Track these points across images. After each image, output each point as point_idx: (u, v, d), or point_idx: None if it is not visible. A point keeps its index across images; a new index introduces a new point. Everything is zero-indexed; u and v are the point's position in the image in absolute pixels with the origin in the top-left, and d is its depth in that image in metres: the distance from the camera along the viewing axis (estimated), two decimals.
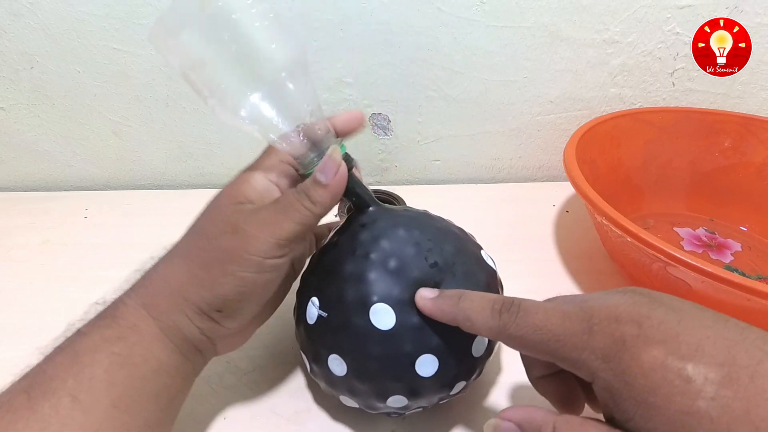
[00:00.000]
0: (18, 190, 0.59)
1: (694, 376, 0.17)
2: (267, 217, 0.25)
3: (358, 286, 0.26)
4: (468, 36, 0.51)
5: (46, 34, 0.49)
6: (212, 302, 0.25)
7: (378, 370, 0.26)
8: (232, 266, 0.25)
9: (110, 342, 0.24)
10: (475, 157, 0.60)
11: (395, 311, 0.26)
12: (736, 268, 0.45)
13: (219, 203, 0.27)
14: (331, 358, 0.27)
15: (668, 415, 0.17)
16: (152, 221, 0.51)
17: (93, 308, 0.26)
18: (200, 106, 0.54)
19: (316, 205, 0.25)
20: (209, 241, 0.25)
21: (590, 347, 0.20)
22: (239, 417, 0.32)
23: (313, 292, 0.28)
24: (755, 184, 0.50)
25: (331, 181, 0.26)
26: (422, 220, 0.29)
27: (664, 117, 0.52)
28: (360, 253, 0.27)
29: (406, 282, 0.26)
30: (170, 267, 0.26)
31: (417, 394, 0.27)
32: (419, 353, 0.26)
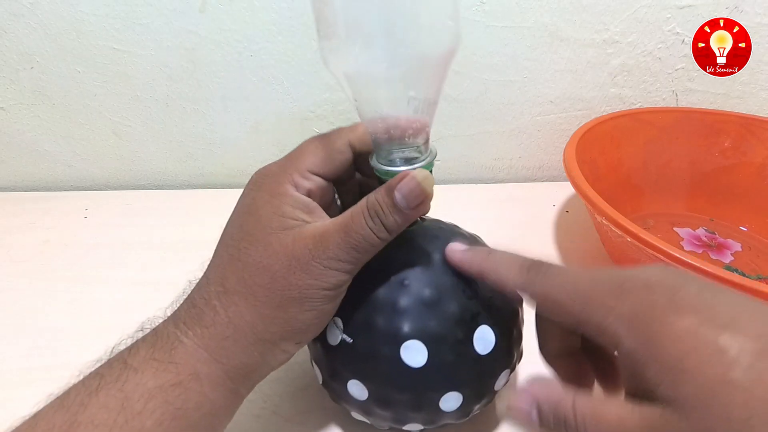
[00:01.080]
0: (18, 190, 0.59)
1: (729, 346, 0.16)
2: (338, 253, 0.23)
3: (389, 316, 0.25)
4: (468, 36, 0.50)
5: (46, 34, 0.49)
6: (291, 338, 0.24)
7: (402, 402, 0.25)
8: (311, 302, 0.23)
9: (165, 390, 0.22)
10: (475, 157, 0.60)
11: (428, 348, 0.24)
12: (736, 268, 0.45)
13: (265, 229, 0.24)
14: (351, 382, 0.26)
15: (700, 382, 0.16)
16: (152, 221, 0.51)
17: (140, 332, 0.25)
18: (200, 106, 0.54)
19: (391, 233, 0.23)
20: (275, 280, 0.23)
21: (617, 312, 0.19)
22: (239, 417, 0.31)
23: (336, 312, 0.26)
24: (755, 184, 0.50)
25: (412, 211, 0.23)
26: (458, 241, 0.27)
27: (664, 117, 0.52)
28: (394, 279, 0.26)
29: (441, 315, 0.25)
30: (232, 308, 0.23)
31: (434, 422, 0.26)
32: (446, 390, 0.25)
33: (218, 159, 0.58)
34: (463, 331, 0.25)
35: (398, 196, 0.23)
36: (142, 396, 0.21)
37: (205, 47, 0.50)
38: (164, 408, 0.21)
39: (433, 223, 0.29)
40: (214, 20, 0.49)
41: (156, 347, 0.23)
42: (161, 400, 0.21)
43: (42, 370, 0.35)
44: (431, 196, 0.24)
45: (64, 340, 0.37)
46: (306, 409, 0.32)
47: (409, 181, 0.23)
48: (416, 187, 0.23)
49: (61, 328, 0.38)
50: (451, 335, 0.25)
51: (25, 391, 0.23)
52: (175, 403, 0.22)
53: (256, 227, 0.24)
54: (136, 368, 0.22)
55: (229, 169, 0.59)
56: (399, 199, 0.23)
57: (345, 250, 0.23)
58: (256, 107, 0.54)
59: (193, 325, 0.24)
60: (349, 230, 0.23)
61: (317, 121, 0.54)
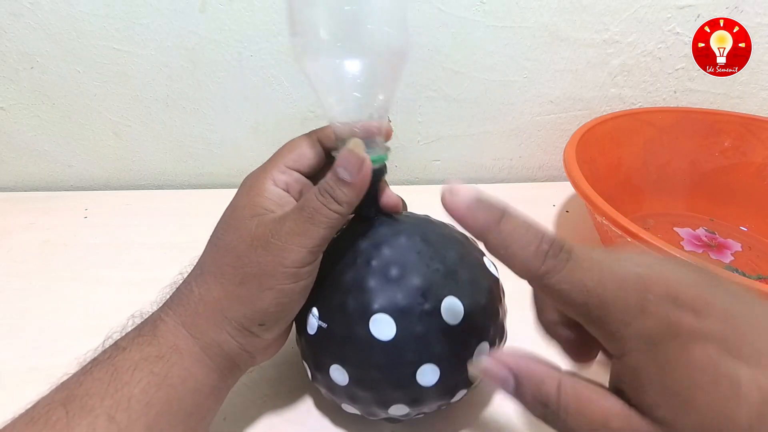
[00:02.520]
0: (18, 190, 0.59)
1: (746, 382, 0.15)
2: (295, 227, 0.24)
3: (358, 296, 0.26)
4: (468, 36, 0.50)
5: (46, 34, 0.49)
6: (253, 317, 0.25)
7: (379, 380, 0.26)
8: (269, 281, 0.24)
9: (150, 361, 0.23)
10: (475, 157, 0.60)
11: (396, 321, 0.25)
12: (736, 268, 0.45)
13: (238, 217, 0.26)
14: (332, 368, 0.27)
15: (704, 415, 0.16)
16: (152, 221, 0.51)
17: (131, 321, 0.27)
18: (200, 106, 0.54)
19: (342, 205, 0.25)
20: (239, 258, 0.25)
21: (637, 326, 0.17)
22: (239, 417, 0.32)
23: (313, 301, 0.27)
24: (755, 184, 0.50)
25: (356, 179, 0.24)
26: (424, 227, 0.29)
27: (664, 117, 0.52)
28: (360, 262, 0.27)
29: (408, 290, 0.26)
30: (204, 286, 0.26)
31: (418, 402, 0.27)
32: (420, 363, 0.25)
33: (218, 159, 0.58)
34: (430, 303, 0.26)
35: (340, 170, 0.24)
36: (129, 367, 0.23)
37: (205, 47, 0.50)
38: (149, 378, 0.23)
39: (402, 215, 0.30)
40: (214, 20, 0.49)
41: (142, 328, 0.25)
42: (146, 370, 0.23)
43: (42, 370, 0.35)
44: (367, 158, 0.25)
45: (64, 340, 0.37)
46: (304, 408, 0.32)
47: (344, 153, 0.25)
48: (349, 154, 0.25)
49: (61, 328, 0.38)
50: (417, 306, 0.26)
51: (25, 391, 0.23)
52: (160, 373, 0.23)
53: (232, 216, 0.27)
54: (124, 347, 0.24)
55: (229, 169, 0.59)
56: (341, 171, 0.24)
57: (300, 224, 0.24)
58: (256, 107, 0.54)
59: (172, 304, 0.26)
60: (302, 207, 0.25)
61: (317, 121, 0.54)
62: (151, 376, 0.23)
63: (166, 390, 0.23)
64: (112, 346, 0.24)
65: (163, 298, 0.27)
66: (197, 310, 0.25)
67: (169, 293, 0.27)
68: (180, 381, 0.24)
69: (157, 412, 0.23)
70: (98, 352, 0.25)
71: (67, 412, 0.21)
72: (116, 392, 0.22)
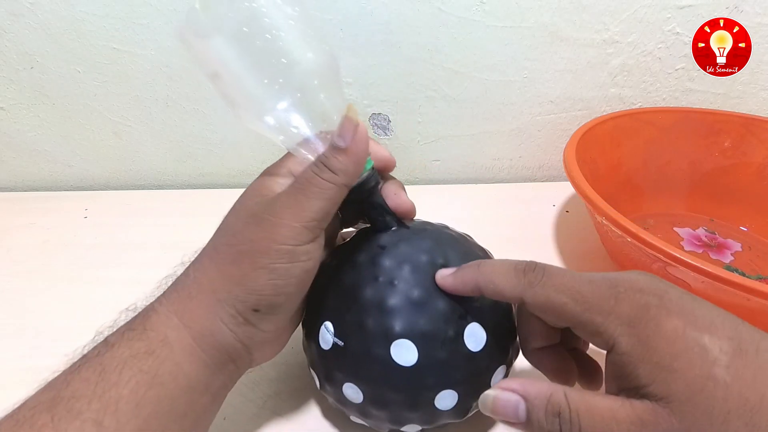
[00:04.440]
0: (18, 190, 0.59)
1: (711, 346, 0.18)
2: (287, 200, 0.23)
3: (379, 317, 0.25)
4: (468, 36, 0.50)
5: (46, 34, 0.49)
6: (247, 300, 0.23)
7: (396, 402, 0.25)
8: (262, 258, 0.23)
9: (139, 358, 0.22)
10: (475, 157, 0.60)
11: (418, 347, 0.24)
12: (736, 268, 0.45)
13: (243, 198, 0.26)
14: (346, 385, 0.26)
15: (688, 379, 0.18)
16: (152, 221, 0.51)
17: (124, 315, 0.25)
18: (200, 106, 0.54)
19: (338, 174, 0.23)
20: (234, 236, 0.24)
21: (616, 312, 0.20)
22: (239, 417, 0.32)
23: (326, 315, 0.26)
24: (755, 184, 0.50)
25: (350, 144, 0.23)
26: (445, 244, 0.28)
27: (664, 117, 0.52)
28: (383, 281, 0.26)
29: (431, 315, 0.25)
30: (200, 268, 0.25)
31: (432, 422, 0.26)
32: (440, 389, 0.25)
33: (218, 159, 0.58)
34: (453, 329, 0.25)
35: (335, 138, 0.24)
36: (117, 366, 0.22)
37: None
38: (139, 377, 0.22)
39: (420, 225, 0.29)
40: None
41: (132, 321, 0.24)
42: (135, 368, 0.22)
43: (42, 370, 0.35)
44: (361, 123, 0.24)
45: (64, 340, 0.37)
46: (305, 408, 0.32)
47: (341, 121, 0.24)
48: (344, 121, 0.24)
49: (61, 328, 0.38)
50: (441, 333, 0.25)
51: (25, 391, 0.23)
52: (149, 371, 0.22)
53: (238, 200, 0.26)
54: (113, 343, 0.23)
55: (229, 169, 0.59)
56: (336, 139, 0.24)
57: (292, 195, 0.24)
58: None
59: (168, 292, 0.25)
60: (296, 180, 0.24)
61: None
62: (140, 374, 0.22)
63: (156, 389, 0.22)
64: (101, 342, 0.23)
65: (161, 288, 0.26)
66: (190, 293, 0.24)
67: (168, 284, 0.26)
68: (171, 378, 0.22)
69: (148, 413, 0.21)
70: (88, 348, 0.23)
71: (52, 417, 0.20)
72: (104, 394, 0.21)
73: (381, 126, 0.57)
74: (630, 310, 0.20)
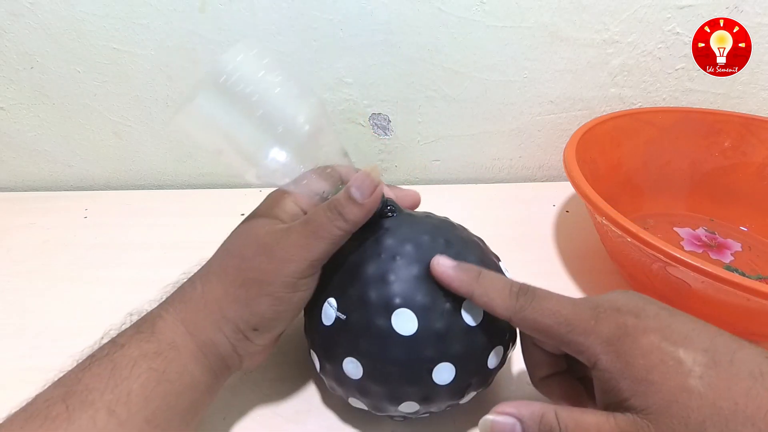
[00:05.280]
0: (18, 190, 0.59)
1: (685, 358, 0.20)
2: (298, 239, 0.25)
3: (381, 289, 0.26)
4: (468, 36, 0.50)
5: (46, 34, 0.49)
6: (249, 320, 0.26)
7: (395, 374, 0.26)
8: (268, 287, 0.25)
9: (148, 357, 0.24)
10: (475, 157, 0.60)
11: (418, 316, 0.26)
12: (736, 268, 0.45)
13: (252, 224, 0.28)
14: (346, 361, 0.27)
15: (664, 391, 0.19)
16: (152, 221, 0.51)
17: (128, 318, 0.27)
18: None
19: (348, 223, 0.25)
20: (244, 261, 0.26)
21: (596, 332, 0.22)
22: (239, 417, 0.32)
23: (330, 292, 0.28)
24: (755, 184, 0.50)
25: (367, 201, 0.25)
26: (447, 229, 0.30)
27: (664, 117, 0.52)
28: (385, 257, 0.27)
29: (431, 288, 0.26)
30: (208, 285, 0.27)
31: (429, 400, 0.27)
32: (438, 361, 0.26)
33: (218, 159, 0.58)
34: (451, 303, 0.26)
35: (353, 190, 0.25)
36: (128, 363, 0.24)
37: (205, 47, 0.50)
38: (149, 374, 0.24)
39: (422, 214, 0.31)
40: (214, 20, 0.49)
41: (140, 325, 0.26)
42: (145, 366, 0.24)
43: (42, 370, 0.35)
44: (381, 183, 0.27)
45: (64, 340, 0.37)
46: (305, 408, 0.32)
47: (360, 175, 0.26)
48: (366, 177, 0.26)
49: (61, 328, 0.38)
50: (440, 305, 0.26)
51: (25, 391, 0.23)
52: (158, 369, 0.24)
53: (246, 224, 0.28)
54: (122, 344, 0.25)
55: None
56: (354, 191, 0.25)
57: (304, 236, 0.25)
58: None
59: (174, 302, 0.27)
60: (309, 220, 0.26)
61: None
62: (150, 371, 0.24)
63: (164, 386, 0.24)
64: (109, 343, 0.25)
65: (164, 296, 0.28)
66: (198, 306, 0.26)
67: (171, 292, 0.28)
68: (177, 376, 0.24)
69: (157, 406, 0.23)
70: (95, 349, 0.25)
71: (67, 407, 0.22)
72: (116, 387, 0.23)
73: (381, 126, 0.57)
74: (609, 330, 0.22)
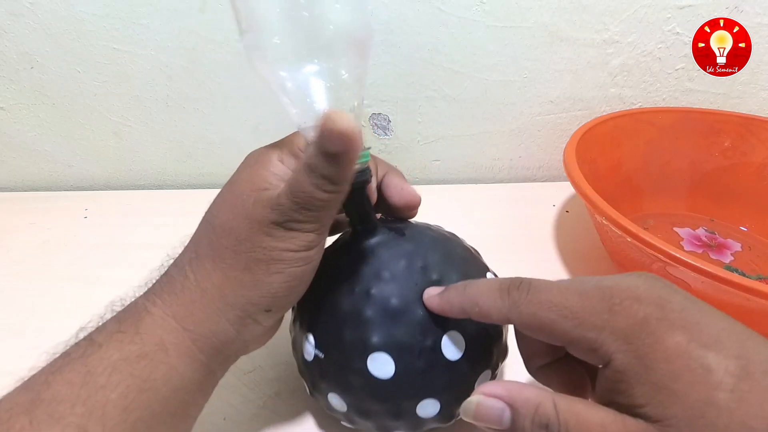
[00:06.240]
0: (18, 190, 0.59)
1: (715, 367, 0.17)
2: (292, 215, 0.22)
3: (355, 329, 0.25)
4: (468, 36, 0.50)
5: (46, 34, 0.49)
6: (260, 302, 0.23)
7: (378, 412, 0.25)
8: (278, 265, 0.23)
9: (130, 362, 0.21)
10: (475, 157, 0.60)
11: (395, 359, 0.24)
12: (736, 268, 0.45)
13: (236, 192, 0.24)
14: (330, 395, 0.26)
15: (688, 403, 0.17)
16: (152, 221, 0.51)
17: (108, 310, 0.24)
18: (200, 106, 0.54)
19: (336, 182, 0.22)
20: (240, 242, 0.23)
21: (611, 326, 0.18)
22: (239, 417, 0.32)
23: (308, 326, 0.27)
24: (755, 184, 0.50)
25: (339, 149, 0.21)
26: (427, 246, 0.27)
27: (664, 117, 0.52)
28: (359, 290, 0.25)
29: (407, 325, 0.24)
30: (201, 272, 0.23)
31: (418, 428, 0.26)
32: (421, 398, 0.25)
33: (218, 159, 0.58)
34: (430, 338, 0.24)
35: (323, 141, 0.20)
36: (105, 369, 0.20)
37: (205, 47, 0.50)
38: (129, 381, 0.20)
39: (402, 226, 0.28)
40: (214, 20, 0.49)
41: (122, 321, 0.23)
42: (126, 372, 0.21)
43: None
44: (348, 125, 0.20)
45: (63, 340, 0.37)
46: (305, 408, 0.32)
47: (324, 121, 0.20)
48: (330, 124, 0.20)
49: (61, 328, 0.38)
50: (417, 344, 0.24)
51: None
52: (141, 375, 0.21)
53: (229, 192, 0.24)
54: (100, 343, 0.21)
55: (229, 169, 0.58)
56: (324, 143, 0.20)
57: (298, 211, 0.22)
58: (256, 107, 0.54)
59: (162, 293, 0.23)
60: (294, 191, 0.22)
61: None
62: (130, 378, 0.20)
63: (147, 394, 0.21)
64: (86, 340, 0.22)
65: (149, 283, 0.25)
66: (193, 298, 0.23)
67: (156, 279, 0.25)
68: (164, 381, 0.21)
69: (138, 417, 0.20)
70: (70, 346, 0.22)
71: (30, 421, 0.19)
72: (89, 398, 0.20)
73: (381, 126, 0.57)
74: (626, 324, 0.18)
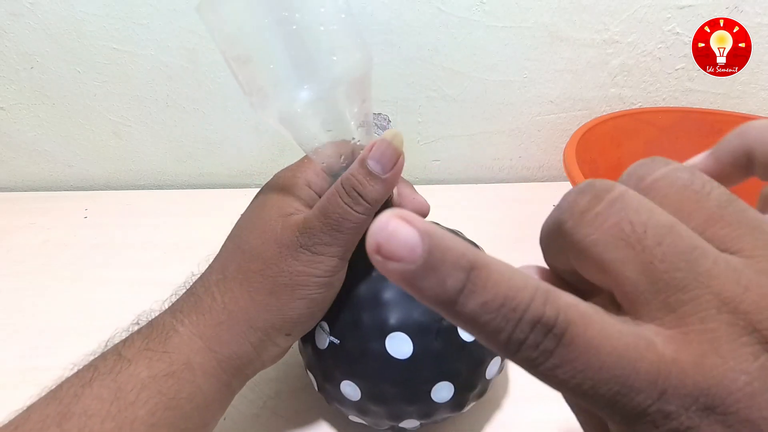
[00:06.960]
0: (18, 190, 0.59)
1: None
2: (324, 237, 0.23)
3: (373, 311, 0.25)
4: (468, 36, 0.50)
5: (46, 34, 0.49)
6: (282, 326, 0.24)
7: (393, 396, 0.25)
8: (302, 290, 0.23)
9: (158, 380, 0.22)
10: (475, 157, 0.60)
11: (413, 339, 0.25)
12: None
13: (265, 217, 0.24)
14: (344, 383, 0.26)
15: None
16: (152, 221, 0.51)
17: (134, 326, 0.25)
18: (200, 106, 0.54)
19: (370, 204, 0.22)
20: (267, 266, 0.23)
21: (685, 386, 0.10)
22: (239, 417, 0.32)
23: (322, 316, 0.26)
24: (755, 184, 0.50)
25: (389, 175, 0.21)
26: None
27: (664, 117, 0.52)
28: (376, 275, 0.26)
29: (425, 306, 0.25)
30: (228, 294, 0.24)
31: (429, 416, 0.26)
32: (436, 381, 0.25)
33: (218, 159, 0.58)
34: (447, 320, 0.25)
35: (372, 163, 0.21)
36: (135, 386, 0.21)
37: (205, 47, 0.50)
38: (158, 398, 0.21)
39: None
40: None
41: (150, 338, 0.23)
42: (154, 390, 0.21)
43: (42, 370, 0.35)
44: (403, 153, 0.22)
45: (64, 340, 0.37)
46: (305, 408, 0.32)
47: (380, 145, 0.21)
48: (388, 147, 0.21)
49: (61, 328, 0.38)
50: (435, 324, 0.25)
51: (25, 391, 0.23)
52: (168, 393, 0.22)
53: (258, 215, 0.24)
54: (129, 359, 0.22)
55: (229, 169, 0.59)
56: (373, 165, 0.21)
57: (328, 233, 0.22)
58: None
59: (189, 312, 0.24)
60: (326, 212, 0.22)
61: None
62: (158, 396, 0.21)
63: (173, 411, 0.22)
64: (114, 356, 0.22)
65: (171, 300, 0.26)
66: (220, 319, 0.23)
67: (179, 294, 0.26)
68: (188, 399, 0.22)
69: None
70: (98, 359, 0.23)
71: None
72: (119, 413, 0.20)
73: (381, 126, 0.56)
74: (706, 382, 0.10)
